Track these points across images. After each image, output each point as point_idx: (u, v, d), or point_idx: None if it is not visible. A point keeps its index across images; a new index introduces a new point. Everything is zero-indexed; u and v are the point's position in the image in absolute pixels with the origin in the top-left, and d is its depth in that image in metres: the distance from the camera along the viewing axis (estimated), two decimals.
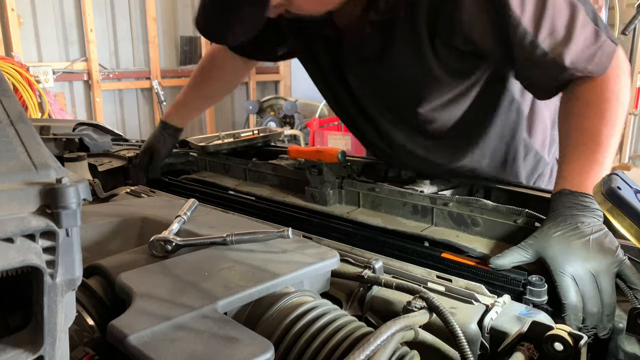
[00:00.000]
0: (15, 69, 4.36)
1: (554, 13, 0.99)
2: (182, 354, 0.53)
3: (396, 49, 1.15)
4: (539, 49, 0.99)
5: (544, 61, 1.00)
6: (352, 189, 1.24)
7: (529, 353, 0.62)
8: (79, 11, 5.34)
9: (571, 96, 1.04)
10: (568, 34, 0.99)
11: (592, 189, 0.82)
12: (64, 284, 0.44)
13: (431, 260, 0.94)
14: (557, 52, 0.99)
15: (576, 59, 0.99)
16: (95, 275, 0.74)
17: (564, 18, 0.99)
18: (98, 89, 5.52)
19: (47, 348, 0.44)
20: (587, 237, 0.84)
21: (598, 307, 0.80)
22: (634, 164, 6.68)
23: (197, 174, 1.64)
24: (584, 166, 0.96)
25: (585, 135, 0.99)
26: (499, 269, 0.87)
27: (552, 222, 0.88)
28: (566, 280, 0.81)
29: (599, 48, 0.99)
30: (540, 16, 0.98)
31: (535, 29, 0.99)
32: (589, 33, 1.00)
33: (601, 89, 1.00)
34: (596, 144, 0.97)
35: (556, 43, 0.99)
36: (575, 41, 0.98)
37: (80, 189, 0.43)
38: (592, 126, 0.99)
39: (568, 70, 1.00)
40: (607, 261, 0.81)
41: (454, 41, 1.09)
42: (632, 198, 0.75)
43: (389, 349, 0.58)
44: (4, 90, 0.56)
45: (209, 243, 0.79)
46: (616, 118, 0.98)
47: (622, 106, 0.99)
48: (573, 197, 0.91)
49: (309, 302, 0.67)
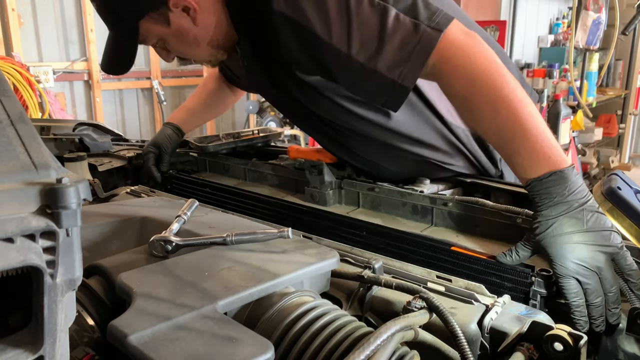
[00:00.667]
0: (15, 69, 4.35)
1: (359, 25, 0.98)
2: (182, 354, 0.53)
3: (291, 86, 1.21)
4: (355, 62, 0.99)
5: (365, 73, 1.00)
6: (351, 189, 1.25)
7: (528, 353, 0.62)
8: (79, 11, 5.34)
9: (450, 99, 1.03)
10: (380, 41, 0.97)
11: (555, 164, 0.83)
12: (64, 284, 0.44)
13: (440, 253, 0.94)
14: (374, 62, 0.98)
15: (393, 62, 0.97)
16: (95, 275, 0.74)
17: (373, 26, 0.98)
18: (98, 88, 5.52)
19: (47, 348, 0.44)
20: (583, 230, 0.83)
21: (601, 298, 0.81)
22: (634, 164, 6.68)
23: (197, 174, 1.64)
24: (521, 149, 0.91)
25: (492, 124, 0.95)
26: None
27: (541, 217, 0.86)
28: (569, 281, 0.82)
29: (417, 43, 0.96)
30: (347, 31, 0.99)
31: (347, 45, 0.99)
32: (403, 33, 0.97)
33: (457, 75, 0.96)
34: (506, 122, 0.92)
35: (371, 53, 0.98)
36: (389, 46, 0.97)
37: (81, 189, 0.43)
38: (487, 112, 0.94)
39: (390, 79, 0.98)
40: (605, 251, 0.81)
41: (298, 70, 1.14)
42: (632, 198, 0.75)
43: (389, 349, 0.58)
44: (4, 90, 0.56)
45: (209, 243, 0.79)
46: (496, 88, 0.93)
47: (487, 74, 0.93)
48: (542, 183, 0.87)
49: (308, 302, 0.67)
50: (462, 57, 0.96)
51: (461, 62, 0.96)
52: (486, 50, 0.96)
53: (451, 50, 0.96)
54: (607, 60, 4.64)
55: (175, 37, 1.21)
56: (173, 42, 1.23)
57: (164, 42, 1.24)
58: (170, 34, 1.20)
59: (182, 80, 6.41)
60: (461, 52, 0.96)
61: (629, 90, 6.65)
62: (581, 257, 0.82)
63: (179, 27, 1.18)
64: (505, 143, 0.94)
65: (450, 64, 0.96)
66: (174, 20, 1.17)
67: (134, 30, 1.17)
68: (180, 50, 1.26)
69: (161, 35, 1.21)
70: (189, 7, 1.15)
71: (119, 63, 1.28)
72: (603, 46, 5.16)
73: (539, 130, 0.90)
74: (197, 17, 1.16)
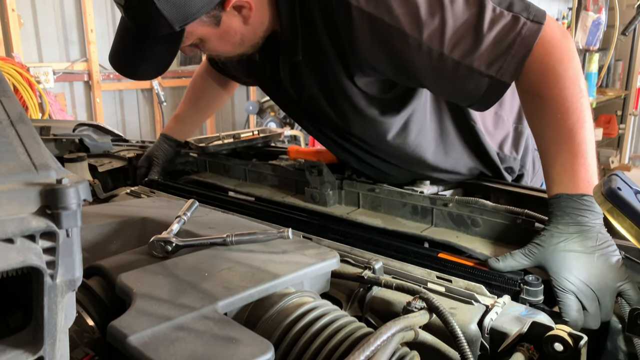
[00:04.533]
0: (15, 70, 4.36)
1: (454, 20, 0.93)
2: (182, 354, 0.53)
3: (318, 90, 1.16)
4: (449, 60, 0.94)
5: (459, 72, 0.94)
6: (352, 190, 1.24)
7: (529, 353, 0.62)
8: (79, 11, 5.34)
9: (522, 93, 0.98)
10: (476, 35, 0.92)
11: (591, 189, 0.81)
12: (64, 285, 0.44)
13: (428, 260, 0.94)
14: (470, 58, 0.93)
15: (491, 58, 0.92)
16: (95, 275, 0.74)
17: (468, 20, 0.93)
18: (98, 89, 5.52)
19: (47, 348, 0.44)
20: (593, 253, 0.82)
21: (597, 323, 0.81)
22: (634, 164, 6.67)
23: (197, 175, 1.64)
24: (566, 163, 0.90)
25: (552, 128, 0.93)
26: (498, 270, 0.88)
27: (555, 230, 0.86)
28: (569, 298, 0.81)
29: (518, 35, 0.91)
30: (440, 27, 0.93)
31: (439, 43, 0.93)
32: (502, 26, 0.92)
33: (543, 73, 0.93)
34: (567, 133, 0.91)
35: (466, 50, 0.93)
36: (486, 40, 0.92)
37: (81, 189, 0.43)
38: (555, 115, 0.92)
39: (489, 76, 0.93)
40: (611, 280, 0.81)
41: (365, 73, 1.06)
42: (632, 199, 0.75)
43: (389, 349, 0.58)
44: (4, 91, 0.56)
45: (209, 244, 0.79)
46: (574, 93, 0.91)
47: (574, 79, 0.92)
48: (572, 201, 0.88)
49: (309, 303, 0.67)
50: (557, 56, 0.92)
51: (555, 60, 0.92)
52: (576, 55, 0.94)
53: (547, 47, 0.92)
54: (607, 60, 4.64)
55: (220, 38, 1.09)
56: (214, 43, 1.10)
57: (201, 42, 1.11)
58: (216, 34, 1.08)
59: (182, 80, 6.40)
60: (557, 50, 0.92)
61: (629, 91, 6.65)
62: (588, 277, 0.81)
63: (228, 27, 1.07)
64: (556, 151, 0.92)
65: (542, 62, 0.92)
66: (225, 21, 1.06)
67: (179, 35, 1.03)
68: (219, 50, 1.14)
69: (204, 36, 1.08)
70: (244, 5, 1.05)
71: (152, 67, 1.13)
72: (603, 47, 5.16)
73: (589, 154, 0.90)
74: (250, 16, 1.07)
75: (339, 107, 1.16)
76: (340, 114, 1.18)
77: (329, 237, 1.01)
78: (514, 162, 1.31)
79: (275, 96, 1.38)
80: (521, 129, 1.34)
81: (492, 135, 1.28)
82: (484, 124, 1.25)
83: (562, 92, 0.91)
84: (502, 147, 1.30)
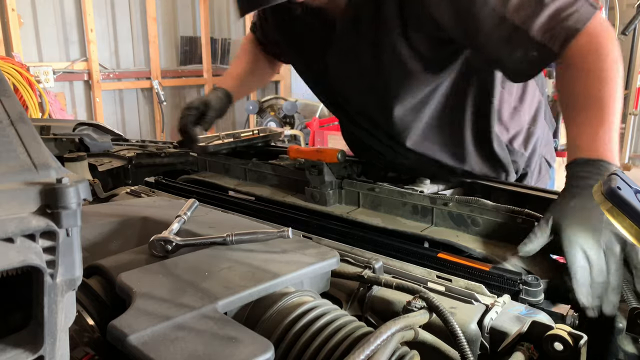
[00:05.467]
0: (15, 69, 4.36)
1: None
2: (182, 354, 0.53)
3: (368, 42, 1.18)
4: (509, 23, 0.99)
5: (516, 35, 0.99)
6: (352, 189, 1.24)
7: (528, 353, 0.62)
8: (79, 11, 5.34)
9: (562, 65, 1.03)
10: (539, 4, 0.98)
11: (610, 156, 0.85)
12: (64, 284, 0.44)
13: (428, 260, 0.94)
14: (528, 24, 0.98)
15: (548, 26, 0.97)
16: (95, 275, 0.74)
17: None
18: (98, 89, 5.52)
19: (47, 348, 0.44)
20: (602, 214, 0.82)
21: (604, 277, 0.80)
22: (634, 164, 6.67)
23: (197, 174, 1.64)
24: (592, 130, 0.94)
25: (585, 98, 0.98)
26: (528, 255, 0.89)
27: (568, 193, 0.89)
28: (577, 253, 0.82)
29: (575, 10, 0.98)
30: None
31: (504, 3, 0.98)
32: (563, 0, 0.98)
33: (589, 50, 0.98)
34: (598, 104, 0.96)
35: (527, 15, 0.98)
36: (547, 10, 0.97)
37: (81, 189, 0.43)
38: (591, 87, 0.98)
39: (540, 43, 0.98)
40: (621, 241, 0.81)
41: (423, 27, 1.10)
42: (632, 198, 0.75)
43: (389, 349, 0.58)
44: (4, 91, 0.56)
45: (209, 243, 0.80)
46: (613, 74, 0.97)
47: (615, 62, 0.98)
48: (587, 165, 0.90)
49: (308, 302, 0.67)
50: (604, 38, 0.98)
51: (603, 40, 0.98)
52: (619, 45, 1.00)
53: (598, 29, 0.98)
54: None
55: None
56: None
57: None
58: None
59: (182, 80, 6.41)
60: (605, 33, 0.98)
61: (629, 90, 6.64)
62: (596, 231, 0.82)
63: None
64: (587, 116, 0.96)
65: (591, 41, 0.98)
66: None
67: None
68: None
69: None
70: None
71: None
72: None
73: (616, 130, 0.95)
74: None
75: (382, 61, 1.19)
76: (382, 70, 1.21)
77: (329, 237, 1.01)
78: (520, 157, 1.36)
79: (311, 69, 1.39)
80: (533, 130, 1.39)
81: (506, 128, 1.32)
82: (501, 114, 1.30)
83: (603, 66, 0.97)
84: (512, 141, 1.34)
